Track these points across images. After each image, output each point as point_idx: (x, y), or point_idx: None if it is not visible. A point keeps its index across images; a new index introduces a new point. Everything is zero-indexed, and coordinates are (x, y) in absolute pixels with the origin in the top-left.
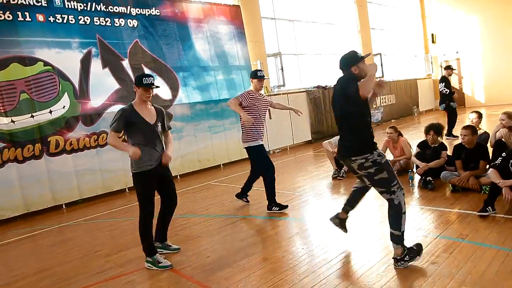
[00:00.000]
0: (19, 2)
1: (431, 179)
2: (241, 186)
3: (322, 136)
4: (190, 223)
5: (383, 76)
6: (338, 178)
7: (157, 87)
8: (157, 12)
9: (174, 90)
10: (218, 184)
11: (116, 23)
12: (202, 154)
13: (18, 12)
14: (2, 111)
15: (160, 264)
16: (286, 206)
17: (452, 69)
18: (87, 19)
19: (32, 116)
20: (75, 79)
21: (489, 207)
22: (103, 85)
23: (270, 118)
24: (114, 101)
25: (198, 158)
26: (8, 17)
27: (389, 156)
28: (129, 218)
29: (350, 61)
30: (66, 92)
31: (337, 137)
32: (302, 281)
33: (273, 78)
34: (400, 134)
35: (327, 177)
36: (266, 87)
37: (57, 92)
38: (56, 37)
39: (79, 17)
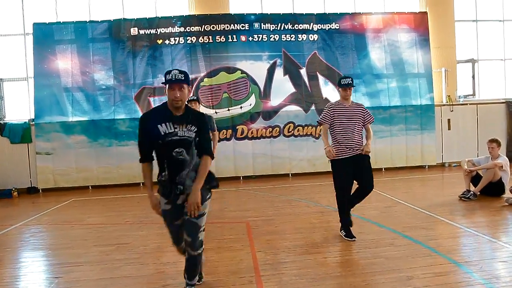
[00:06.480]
0: (231, 28)
1: None
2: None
3: None
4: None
5: None
6: (463, 199)
7: None
8: (337, 26)
9: None
10: None
11: (299, 38)
12: None
13: (229, 36)
14: (211, 104)
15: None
16: (352, 237)
17: None
18: (276, 36)
19: (228, 110)
20: (261, 84)
21: None
22: (282, 89)
23: (449, 129)
24: (289, 102)
25: None
26: (223, 40)
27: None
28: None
29: None
30: (253, 94)
31: (481, 158)
32: None
33: (462, 87)
34: None
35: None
36: (449, 96)
37: (247, 93)
38: (252, 52)
39: (270, 36)
